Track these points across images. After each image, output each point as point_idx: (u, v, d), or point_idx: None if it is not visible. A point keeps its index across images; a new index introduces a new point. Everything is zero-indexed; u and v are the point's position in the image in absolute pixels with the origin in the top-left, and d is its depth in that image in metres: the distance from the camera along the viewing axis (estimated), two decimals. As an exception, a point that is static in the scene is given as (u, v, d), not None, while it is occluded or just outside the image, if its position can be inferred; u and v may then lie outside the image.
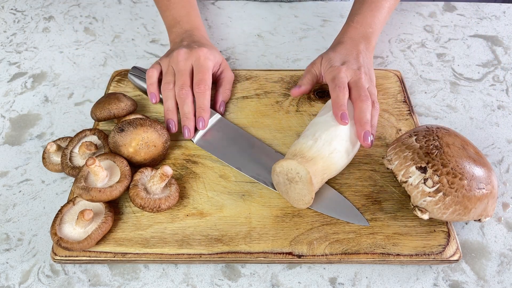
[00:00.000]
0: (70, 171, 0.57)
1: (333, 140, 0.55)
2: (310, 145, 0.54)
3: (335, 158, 0.54)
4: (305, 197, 0.53)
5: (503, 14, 0.89)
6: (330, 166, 0.54)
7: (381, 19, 0.71)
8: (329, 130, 0.56)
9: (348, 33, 0.69)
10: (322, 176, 0.54)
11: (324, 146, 0.54)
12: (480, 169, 0.50)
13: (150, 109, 0.68)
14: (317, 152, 0.53)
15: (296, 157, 0.53)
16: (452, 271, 0.52)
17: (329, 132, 0.55)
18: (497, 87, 0.74)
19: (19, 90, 0.74)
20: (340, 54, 0.66)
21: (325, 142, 0.54)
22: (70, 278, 0.51)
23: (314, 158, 0.53)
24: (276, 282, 0.51)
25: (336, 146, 0.54)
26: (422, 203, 0.50)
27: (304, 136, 0.56)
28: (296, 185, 0.53)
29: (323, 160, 0.53)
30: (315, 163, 0.53)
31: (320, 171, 0.53)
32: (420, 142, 0.52)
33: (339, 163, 0.55)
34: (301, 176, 0.52)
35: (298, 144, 0.55)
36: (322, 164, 0.53)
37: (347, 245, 0.52)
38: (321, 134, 0.55)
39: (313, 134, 0.56)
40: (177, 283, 0.51)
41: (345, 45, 0.67)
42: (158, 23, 0.87)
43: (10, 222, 0.56)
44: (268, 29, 0.86)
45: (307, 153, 0.53)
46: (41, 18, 0.89)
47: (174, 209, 0.55)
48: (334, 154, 0.54)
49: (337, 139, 0.55)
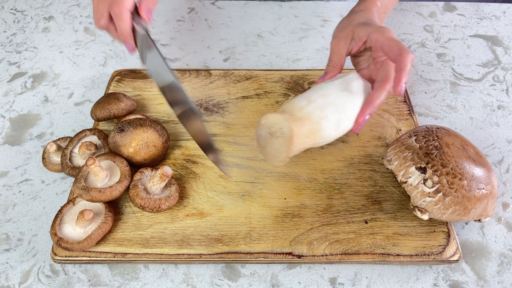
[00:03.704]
0: (70, 171, 0.57)
1: (327, 107, 0.52)
2: (302, 106, 0.52)
3: (323, 125, 0.52)
4: (281, 154, 0.52)
5: (503, 14, 0.89)
6: (316, 132, 0.52)
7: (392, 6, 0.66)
8: (326, 97, 0.53)
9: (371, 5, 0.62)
10: (305, 140, 0.52)
11: (316, 110, 0.52)
12: (480, 169, 0.50)
13: (150, 109, 0.68)
14: (307, 114, 0.52)
15: (285, 113, 0.52)
16: (452, 271, 0.52)
17: (325, 98, 0.53)
18: (497, 87, 0.74)
19: (19, 90, 0.74)
20: (375, 18, 0.60)
21: (318, 106, 0.52)
22: (70, 278, 0.51)
23: (302, 119, 0.51)
24: (276, 282, 0.51)
25: (327, 114, 0.52)
26: (422, 203, 0.50)
27: (300, 96, 0.54)
28: (276, 140, 0.51)
29: (310, 124, 0.51)
30: (302, 124, 0.51)
31: (304, 134, 0.51)
32: (420, 142, 0.52)
33: (326, 132, 0.53)
34: (283, 132, 0.50)
35: (291, 103, 0.54)
36: (309, 128, 0.51)
37: (347, 245, 0.52)
38: (317, 98, 0.53)
39: (309, 96, 0.53)
40: (177, 283, 0.51)
41: (372, 13, 0.61)
42: (158, 23, 0.87)
43: (10, 222, 0.56)
44: (268, 29, 0.86)
45: (297, 113, 0.52)
46: (41, 18, 0.89)
47: (174, 209, 0.55)
48: (324, 121, 0.52)
49: (331, 108, 0.52)
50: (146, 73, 0.66)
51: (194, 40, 0.83)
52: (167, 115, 0.67)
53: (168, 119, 0.66)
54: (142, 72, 0.73)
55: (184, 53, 0.81)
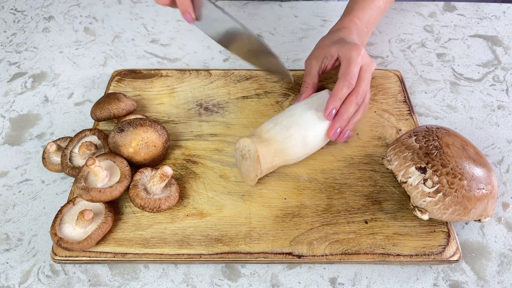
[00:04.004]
0: (70, 171, 0.57)
1: (292, 126, 0.56)
2: (269, 128, 0.57)
3: (288, 144, 0.56)
4: (250, 174, 0.55)
5: (503, 14, 0.89)
6: (284, 151, 0.56)
7: (375, 21, 0.71)
8: (292, 117, 0.57)
9: (349, 24, 0.67)
10: (273, 159, 0.55)
11: (282, 130, 0.56)
12: (480, 169, 0.50)
13: (150, 109, 0.68)
14: (273, 135, 0.56)
15: (253, 136, 0.56)
16: (452, 271, 0.52)
17: (290, 118, 0.57)
18: (497, 87, 0.74)
19: (19, 90, 0.74)
20: (352, 35, 0.64)
21: (283, 127, 0.56)
22: (70, 278, 0.51)
23: (268, 140, 0.55)
24: (276, 282, 0.51)
25: (292, 133, 0.56)
26: (422, 203, 0.50)
27: (269, 120, 0.58)
28: (246, 161, 0.55)
29: (277, 144, 0.55)
30: (268, 145, 0.55)
31: (271, 153, 0.55)
32: (419, 142, 0.52)
33: (294, 150, 0.56)
34: (251, 154, 0.54)
35: (260, 126, 0.58)
36: (275, 147, 0.55)
37: (347, 245, 0.52)
38: (283, 120, 0.57)
39: (276, 118, 0.58)
40: (177, 283, 0.51)
41: (350, 30, 0.66)
42: (158, 23, 0.87)
43: (10, 222, 0.56)
44: (268, 29, 0.86)
45: (264, 135, 0.56)
46: (41, 18, 0.89)
47: (174, 209, 0.55)
48: (289, 139, 0.56)
49: (295, 126, 0.56)
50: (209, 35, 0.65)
51: (194, 40, 0.83)
52: (167, 115, 0.67)
53: (168, 119, 0.67)
54: (142, 72, 0.73)
55: (184, 53, 0.81)
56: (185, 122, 0.66)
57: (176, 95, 0.70)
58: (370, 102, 0.68)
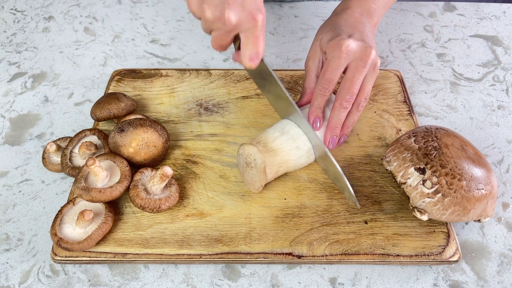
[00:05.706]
0: (70, 171, 0.57)
1: (299, 138, 0.56)
2: (275, 137, 0.56)
3: (295, 155, 0.56)
4: (255, 183, 0.55)
5: (503, 14, 0.89)
6: (288, 161, 0.56)
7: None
8: (298, 127, 0.56)
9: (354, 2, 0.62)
10: (278, 169, 0.55)
11: (288, 141, 0.55)
12: (479, 170, 0.50)
13: (150, 109, 0.68)
14: (280, 145, 0.55)
15: (259, 144, 0.55)
16: (452, 271, 0.52)
17: (297, 129, 0.56)
18: (497, 87, 0.74)
19: (19, 90, 0.74)
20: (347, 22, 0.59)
21: (290, 138, 0.56)
22: (70, 278, 0.51)
23: (274, 150, 0.55)
24: (276, 282, 0.51)
25: (299, 144, 0.56)
26: (421, 204, 0.50)
27: (274, 127, 0.58)
28: (251, 170, 0.54)
29: (282, 154, 0.55)
30: (274, 155, 0.54)
31: (277, 164, 0.55)
32: (418, 143, 0.52)
33: (298, 161, 0.56)
34: (257, 164, 0.53)
35: (265, 133, 0.57)
36: (281, 158, 0.55)
37: (347, 246, 0.52)
38: (289, 129, 0.56)
39: (282, 127, 0.57)
40: (177, 283, 0.51)
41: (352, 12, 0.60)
42: (158, 23, 0.87)
43: (10, 222, 0.57)
44: (268, 29, 0.86)
45: (270, 144, 0.55)
46: (41, 18, 0.89)
47: (174, 209, 0.55)
48: (295, 151, 0.55)
49: (302, 138, 0.56)
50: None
51: (194, 40, 0.83)
52: (167, 115, 0.67)
53: (168, 119, 0.67)
54: (142, 72, 0.73)
55: (184, 53, 0.81)
56: (185, 122, 0.66)
57: (176, 95, 0.70)
58: (370, 102, 0.68)
